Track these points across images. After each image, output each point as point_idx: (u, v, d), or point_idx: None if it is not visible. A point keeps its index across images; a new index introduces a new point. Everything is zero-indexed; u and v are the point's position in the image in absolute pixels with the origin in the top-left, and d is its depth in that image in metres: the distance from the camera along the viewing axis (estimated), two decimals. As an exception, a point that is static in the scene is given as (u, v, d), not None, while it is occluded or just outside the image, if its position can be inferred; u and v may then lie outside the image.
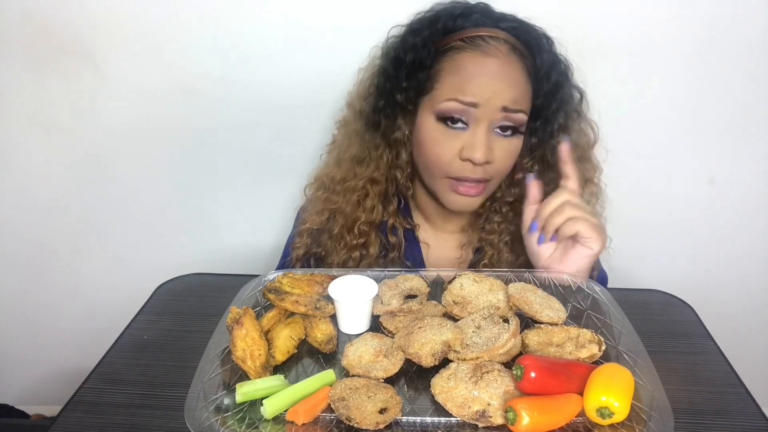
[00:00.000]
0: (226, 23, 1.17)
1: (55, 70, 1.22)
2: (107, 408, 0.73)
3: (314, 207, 1.02)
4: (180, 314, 0.92)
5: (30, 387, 1.63)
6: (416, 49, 0.89)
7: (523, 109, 0.88)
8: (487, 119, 0.86)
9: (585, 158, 0.98)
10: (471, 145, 0.86)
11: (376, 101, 0.94)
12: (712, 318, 0.94)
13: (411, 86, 0.90)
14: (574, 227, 0.82)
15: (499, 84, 0.86)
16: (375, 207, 0.98)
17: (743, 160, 1.27)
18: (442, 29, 0.89)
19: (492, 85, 0.85)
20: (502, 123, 0.87)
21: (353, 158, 0.98)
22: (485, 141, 0.86)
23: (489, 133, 0.87)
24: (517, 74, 0.87)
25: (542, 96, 0.90)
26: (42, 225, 1.40)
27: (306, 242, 1.02)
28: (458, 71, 0.87)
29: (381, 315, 0.78)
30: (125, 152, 1.31)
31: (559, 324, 0.74)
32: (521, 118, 0.88)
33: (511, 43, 0.88)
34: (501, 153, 0.89)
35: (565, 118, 0.94)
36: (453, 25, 0.89)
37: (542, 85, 0.90)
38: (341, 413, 0.62)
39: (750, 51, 1.16)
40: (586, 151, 0.98)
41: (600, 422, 0.61)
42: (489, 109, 0.85)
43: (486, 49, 0.87)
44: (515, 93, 0.86)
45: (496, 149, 0.88)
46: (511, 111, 0.86)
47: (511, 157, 0.91)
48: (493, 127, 0.87)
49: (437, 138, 0.89)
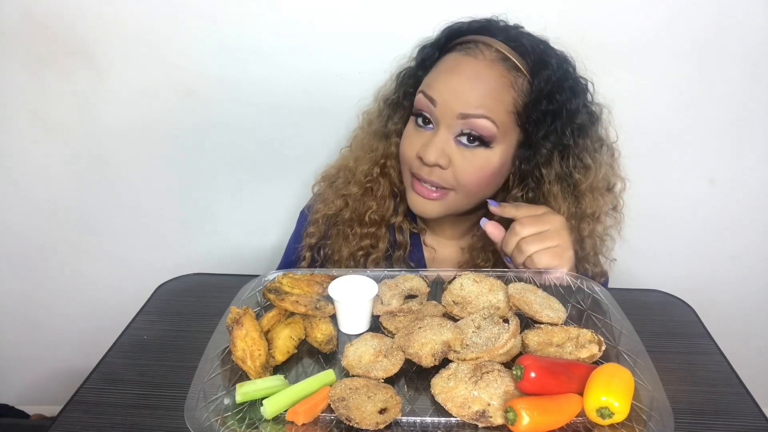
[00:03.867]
0: (226, 23, 1.17)
1: (55, 70, 1.22)
2: (107, 408, 0.73)
3: (328, 196, 1.04)
4: (180, 314, 0.92)
5: (30, 387, 1.63)
6: (425, 50, 0.94)
7: (489, 116, 0.84)
8: (446, 122, 0.86)
9: (580, 193, 0.93)
10: (426, 144, 0.87)
11: (390, 95, 0.99)
12: (712, 318, 0.94)
13: (410, 83, 0.94)
14: (536, 264, 0.82)
15: (464, 84, 0.85)
16: (386, 199, 1.00)
17: (743, 160, 1.27)
18: (450, 34, 0.92)
19: (455, 84, 0.85)
20: (464, 130, 0.86)
21: (364, 146, 1.01)
22: (440, 143, 0.86)
23: (448, 138, 0.87)
24: (493, 81, 0.85)
25: (532, 121, 0.87)
26: (42, 225, 1.40)
27: (320, 229, 1.04)
28: (438, 67, 0.90)
29: (381, 315, 0.78)
30: (125, 152, 1.31)
31: (559, 324, 0.74)
32: (485, 125, 0.84)
33: (503, 53, 0.86)
34: (462, 163, 0.87)
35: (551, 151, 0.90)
36: (461, 30, 0.91)
37: (533, 110, 0.87)
38: (341, 413, 0.62)
39: (750, 51, 1.16)
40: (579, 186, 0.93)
41: (600, 422, 0.61)
42: (447, 112, 0.85)
43: (471, 51, 0.87)
44: (479, 97, 0.84)
45: (457, 157, 0.87)
46: (472, 116, 0.84)
47: (476, 170, 0.87)
48: (454, 134, 0.87)
49: (408, 133, 0.92)
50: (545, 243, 0.82)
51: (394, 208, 1.01)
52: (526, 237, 0.82)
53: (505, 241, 0.85)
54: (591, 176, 0.93)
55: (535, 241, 0.82)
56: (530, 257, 0.82)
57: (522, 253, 0.82)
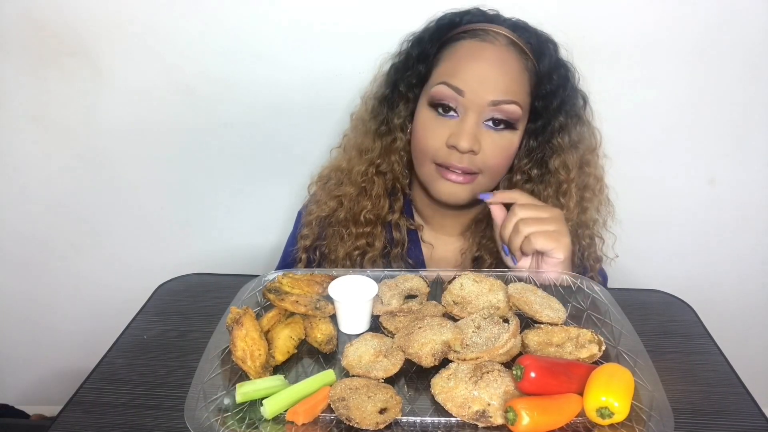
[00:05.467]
0: (226, 23, 1.17)
1: (55, 70, 1.22)
2: (107, 408, 0.73)
3: (321, 197, 1.04)
4: (180, 314, 0.92)
5: (30, 387, 1.63)
6: (422, 43, 0.94)
7: (516, 101, 0.88)
8: (476, 110, 0.87)
9: (585, 163, 0.98)
10: (457, 132, 0.88)
11: (383, 91, 0.99)
12: (712, 318, 0.94)
13: (413, 75, 0.94)
14: (533, 245, 0.82)
15: (490, 71, 0.87)
16: (381, 198, 1.00)
17: (743, 160, 1.27)
18: (448, 24, 0.93)
19: (482, 72, 0.86)
20: (493, 115, 0.88)
21: (358, 146, 1.01)
22: (472, 130, 0.87)
23: (478, 123, 0.88)
24: (513, 64, 0.88)
25: (541, 98, 0.91)
26: (42, 225, 1.40)
27: (314, 231, 1.04)
28: (453, 56, 0.90)
29: (381, 315, 0.78)
30: (125, 152, 1.31)
31: (559, 324, 0.74)
32: (514, 110, 0.88)
33: (511, 38, 0.90)
34: (490, 146, 0.89)
35: (564, 122, 0.94)
36: (459, 20, 0.93)
37: (542, 88, 0.91)
38: (341, 413, 0.62)
39: (750, 52, 1.16)
40: (585, 155, 0.98)
41: (600, 422, 0.61)
42: (477, 100, 0.86)
43: (484, 37, 0.89)
44: (507, 82, 0.87)
45: (485, 141, 0.89)
46: (502, 102, 0.87)
47: (502, 152, 0.91)
48: (483, 119, 0.88)
49: (428, 124, 0.91)
50: (544, 226, 0.83)
51: (390, 206, 1.01)
52: (525, 218, 0.84)
53: (503, 224, 0.86)
54: (596, 142, 0.99)
55: (534, 224, 0.83)
56: (527, 238, 0.83)
57: (519, 234, 0.83)
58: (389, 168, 0.99)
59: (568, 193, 0.96)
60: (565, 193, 0.96)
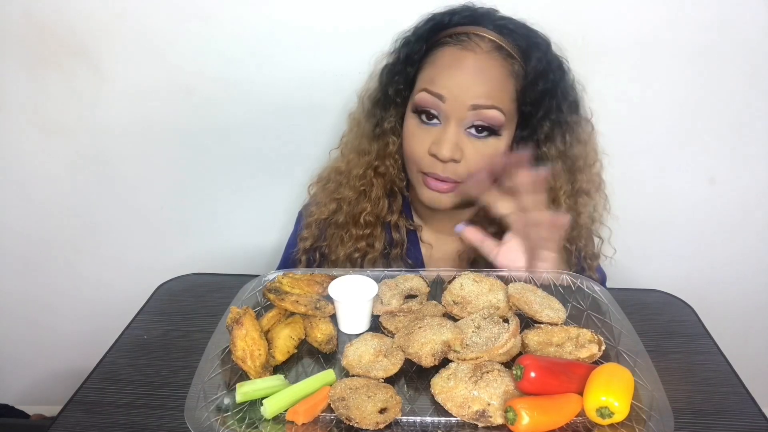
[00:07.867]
0: (226, 23, 1.17)
1: (55, 70, 1.22)
2: (107, 408, 0.73)
3: (321, 199, 1.04)
4: (180, 314, 0.93)
5: (30, 387, 1.63)
6: (409, 44, 0.93)
7: (498, 106, 0.86)
8: (456, 116, 0.86)
9: (578, 169, 0.96)
10: (438, 141, 0.87)
11: (376, 94, 0.98)
12: (712, 318, 0.94)
13: (401, 80, 0.93)
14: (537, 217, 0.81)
15: (470, 78, 0.85)
16: (380, 199, 0.99)
17: (743, 160, 1.27)
18: (434, 26, 0.91)
19: (461, 79, 0.85)
20: (475, 122, 0.86)
21: (356, 148, 1.00)
22: (453, 138, 0.86)
23: (459, 131, 0.87)
24: (495, 72, 0.86)
25: (529, 103, 0.89)
26: (42, 225, 1.40)
27: (313, 233, 1.03)
28: (435, 63, 0.89)
29: (381, 315, 0.78)
30: (125, 152, 1.31)
31: (559, 324, 0.74)
32: (495, 115, 0.86)
33: (497, 42, 0.87)
34: (473, 154, 0.88)
35: (552, 129, 0.92)
36: (447, 22, 0.91)
37: (530, 92, 0.88)
38: (341, 413, 0.62)
39: (750, 52, 1.16)
40: (579, 161, 0.96)
41: (600, 422, 0.61)
42: (457, 106, 0.85)
43: (466, 44, 0.88)
44: (488, 89, 0.85)
45: (468, 150, 0.87)
46: (483, 107, 0.85)
47: (485, 159, 0.88)
48: (464, 126, 0.87)
49: (412, 132, 0.91)
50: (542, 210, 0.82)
51: (389, 207, 1.01)
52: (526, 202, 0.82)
53: (501, 203, 0.85)
54: (587, 151, 0.96)
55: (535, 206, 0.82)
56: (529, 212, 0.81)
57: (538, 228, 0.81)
58: (386, 170, 0.99)
59: (556, 201, 0.94)
60: (553, 200, 0.94)
